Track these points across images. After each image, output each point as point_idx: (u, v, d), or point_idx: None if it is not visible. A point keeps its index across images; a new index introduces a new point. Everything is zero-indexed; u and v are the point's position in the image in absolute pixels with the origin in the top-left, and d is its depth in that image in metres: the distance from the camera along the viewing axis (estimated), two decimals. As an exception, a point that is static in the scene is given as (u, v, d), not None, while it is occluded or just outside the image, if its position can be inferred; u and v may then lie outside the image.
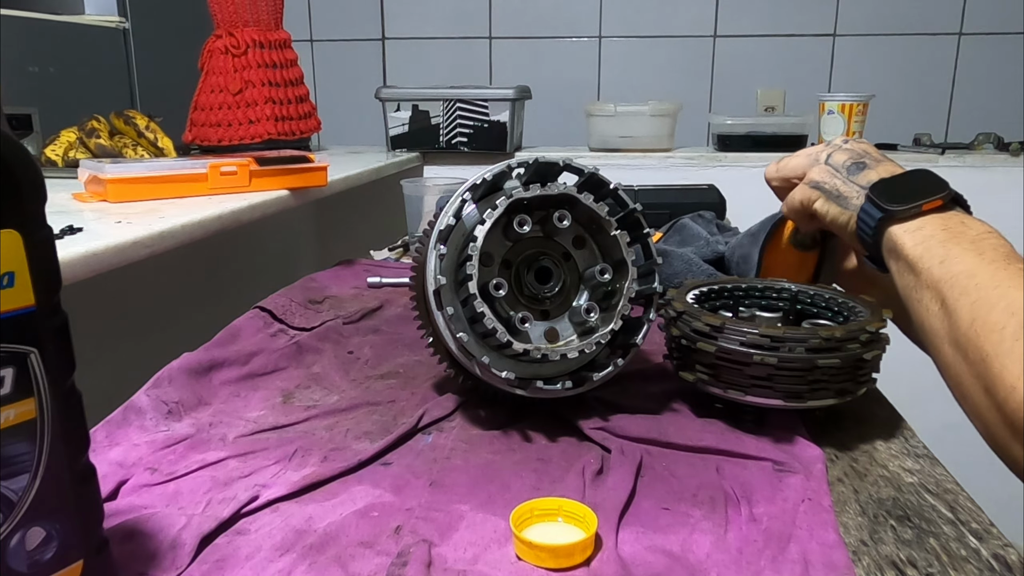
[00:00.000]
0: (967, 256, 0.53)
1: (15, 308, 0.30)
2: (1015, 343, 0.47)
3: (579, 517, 0.43)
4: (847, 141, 0.68)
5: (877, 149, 0.67)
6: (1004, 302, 0.49)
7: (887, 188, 0.60)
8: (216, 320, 0.77)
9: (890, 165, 0.64)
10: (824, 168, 0.66)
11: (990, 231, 0.56)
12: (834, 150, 0.67)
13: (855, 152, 0.66)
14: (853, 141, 0.68)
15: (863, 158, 0.65)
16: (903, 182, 0.61)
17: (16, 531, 0.31)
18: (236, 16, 1.42)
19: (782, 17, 1.94)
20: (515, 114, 1.70)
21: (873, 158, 0.65)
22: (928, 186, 0.59)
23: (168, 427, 0.57)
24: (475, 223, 0.55)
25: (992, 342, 0.48)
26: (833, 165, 0.65)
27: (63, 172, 1.14)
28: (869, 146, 0.67)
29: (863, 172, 0.63)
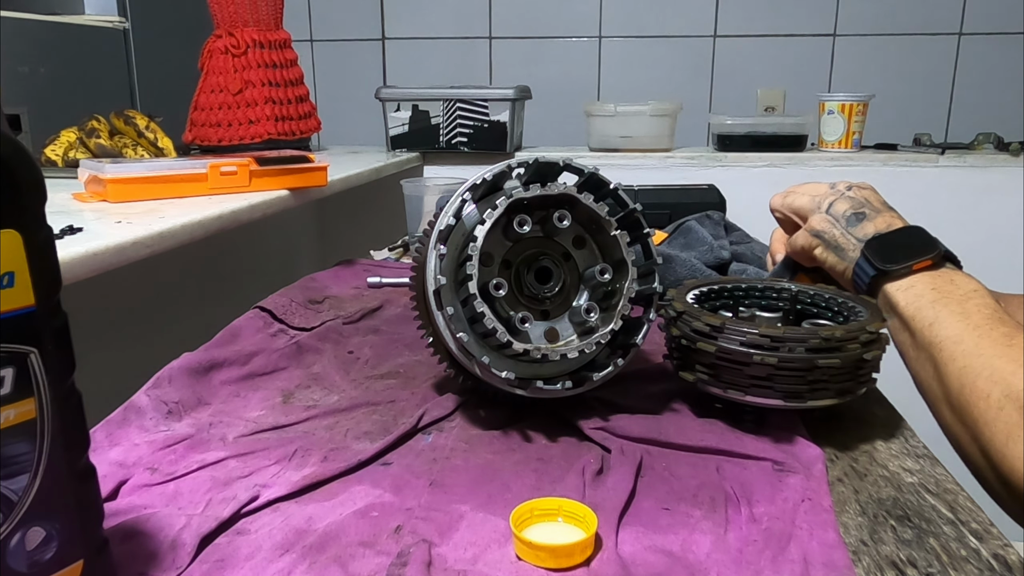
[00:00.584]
0: (954, 320, 0.57)
1: (15, 308, 0.30)
2: (999, 411, 0.51)
3: (579, 517, 0.43)
4: (850, 188, 0.70)
5: (878, 197, 0.70)
6: (988, 371, 0.53)
7: (881, 245, 0.64)
8: (216, 320, 0.77)
9: (888, 217, 0.67)
10: (825, 218, 0.69)
11: (976, 289, 0.60)
12: (836, 197, 0.70)
13: (856, 201, 0.69)
14: (857, 187, 0.70)
15: (863, 208, 0.68)
16: (897, 239, 0.64)
17: (16, 531, 0.31)
18: (236, 16, 1.42)
19: (782, 17, 1.94)
20: (515, 114, 1.70)
21: (873, 207, 0.68)
22: (920, 245, 0.63)
23: (168, 427, 0.57)
24: (475, 223, 0.55)
25: (980, 409, 0.52)
26: (834, 215, 0.68)
27: (63, 172, 1.14)
28: (871, 193, 0.70)
29: (861, 224, 0.67)
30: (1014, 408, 0.50)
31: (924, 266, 0.62)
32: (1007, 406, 0.50)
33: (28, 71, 1.30)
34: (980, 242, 1.53)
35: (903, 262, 0.62)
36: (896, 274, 0.62)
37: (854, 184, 0.71)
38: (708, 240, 0.95)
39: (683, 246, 0.96)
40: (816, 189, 0.73)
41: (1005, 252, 1.56)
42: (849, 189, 0.70)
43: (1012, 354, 0.53)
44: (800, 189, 0.74)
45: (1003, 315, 0.57)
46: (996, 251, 1.54)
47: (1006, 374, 0.52)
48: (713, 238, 0.95)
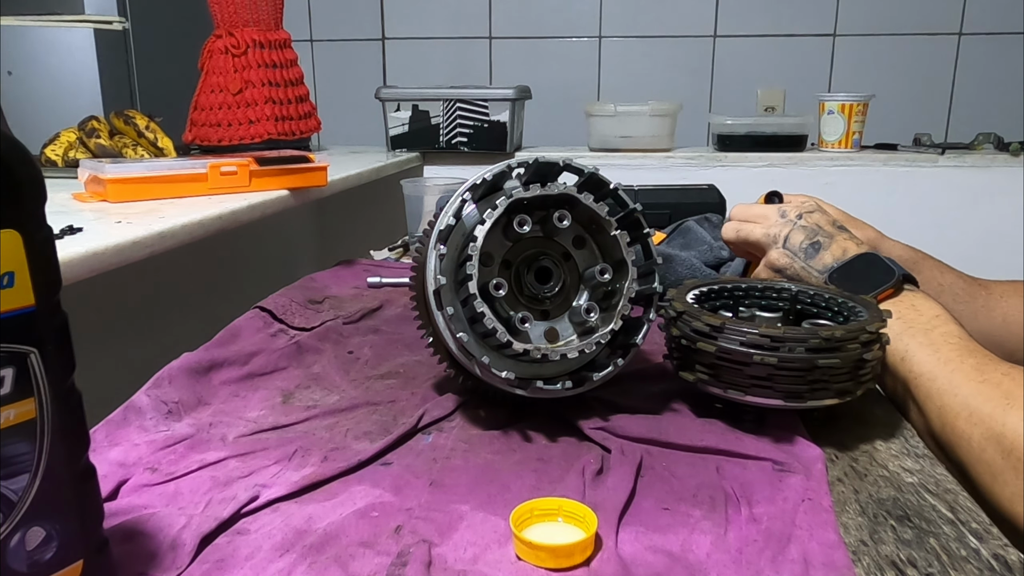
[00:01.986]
0: (924, 354, 0.58)
1: (15, 308, 0.30)
2: (982, 453, 0.51)
3: (579, 517, 0.43)
4: (800, 216, 0.71)
5: (827, 216, 0.72)
6: (966, 412, 0.53)
7: (842, 278, 0.66)
8: (216, 320, 0.77)
9: (841, 241, 0.69)
10: (782, 252, 0.71)
11: (938, 315, 0.60)
12: (790, 230, 0.71)
13: (809, 231, 0.70)
14: (806, 214, 0.71)
15: (816, 236, 0.70)
16: (856, 270, 0.66)
17: (16, 531, 0.31)
18: (236, 16, 1.42)
19: (782, 17, 1.94)
20: (515, 114, 1.70)
21: (825, 233, 0.70)
22: (879, 274, 0.64)
23: (168, 427, 0.57)
24: (475, 223, 0.55)
25: (963, 450, 0.52)
26: (791, 249, 0.70)
27: (63, 172, 1.14)
28: (821, 216, 0.71)
29: (819, 255, 0.69)
30: (996, 450, 0.50)
31: (887, 295, 0.63)
32: (988, 448, 0.50)
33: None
34: (980, 242, 1.54)
35: (867, 295, 0.62)
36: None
37: (803, 211, 0.72)
38: (707, 240, 0.95)
39: (682, 246, 0.96)
40: (767, 219, 0.73)
41: (1005, 252, 1.56)
42: (800, 218, 0.71)
43: (986, 391, 0.53)
44: (751, 216, 0.74)
45: (970, 343, 0.57)
46: (996, 251, 1.54)
47: (983, 415, 0.51)
48: (712, 239, 0.95)
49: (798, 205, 0.72)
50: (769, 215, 0.73)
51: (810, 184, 1.65)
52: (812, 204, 0.73)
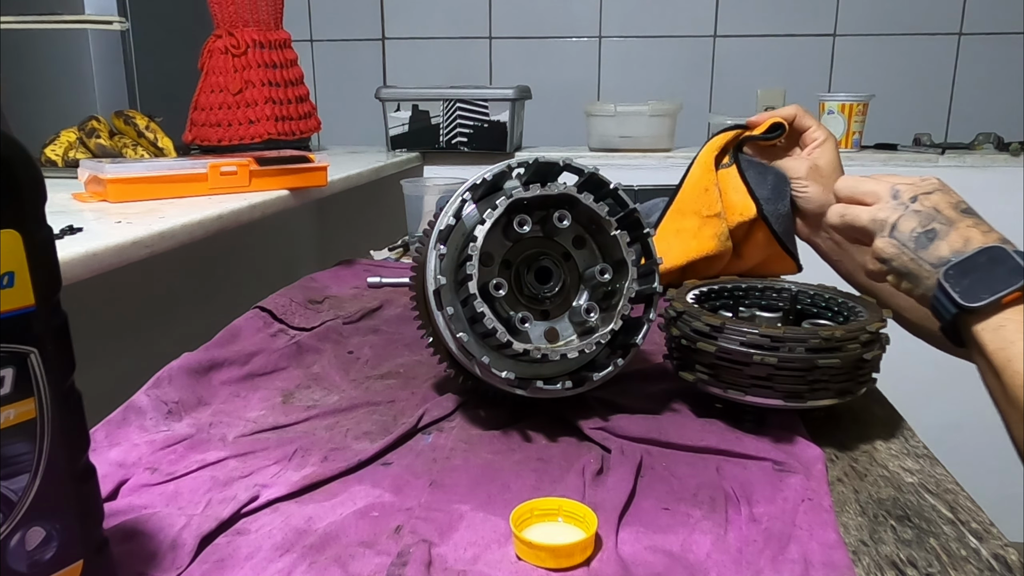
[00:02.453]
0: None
1: (15, 308, 0.30)
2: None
3: (579, 517, 0.43)
4: (915, 199, 0.60)
5: (949, 199, 0.60)
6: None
7: (960, 274, 0.54)
8: (216, 320, 0.77)
9: (963, 229, 0.57)
10: (890, 242, 0.59)
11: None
12: (900, 215, 0.60)
13: (923, 216, 0.59)
14: (923, 196, 0.60)
15: (932, 222, 0.58)
16: (977, 265, 0.54)
17: (16, 531, 0.31)
18: (236, 16, 1.42)
19: (782, 17, 1.94)
20: (515, 114, 1.70)
21: (944, 219, 0.58)
22: (1005, 272, 0.53)
23: (168, 427, 0.57)
24: (475, 223, 0.55)
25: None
26: (899, 238, 0.59)
27: (63, 172, 1.14)
28: (941, 197, 0.60)
29: (933, 245, 0.57)
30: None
31: (1013, 298, 0.51)
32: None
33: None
34: (980, 242, 1.53)
35: (987, 296, 0.52)
36: (982, 311, 0.52)
37: (919, 193, 0.60)
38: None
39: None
40: (878, 198, 0.62)
41: (1005, 252, 1.55)
42: (914, 200, 0.60)
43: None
44: (859, 194, 0.63)
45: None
46: (996, 251, 1.54)
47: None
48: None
49: (914, 184, 0.62)
50: (881, 193, 0.62)
51: (810, 184, 1.65)
52: (933, 183, 0.62)
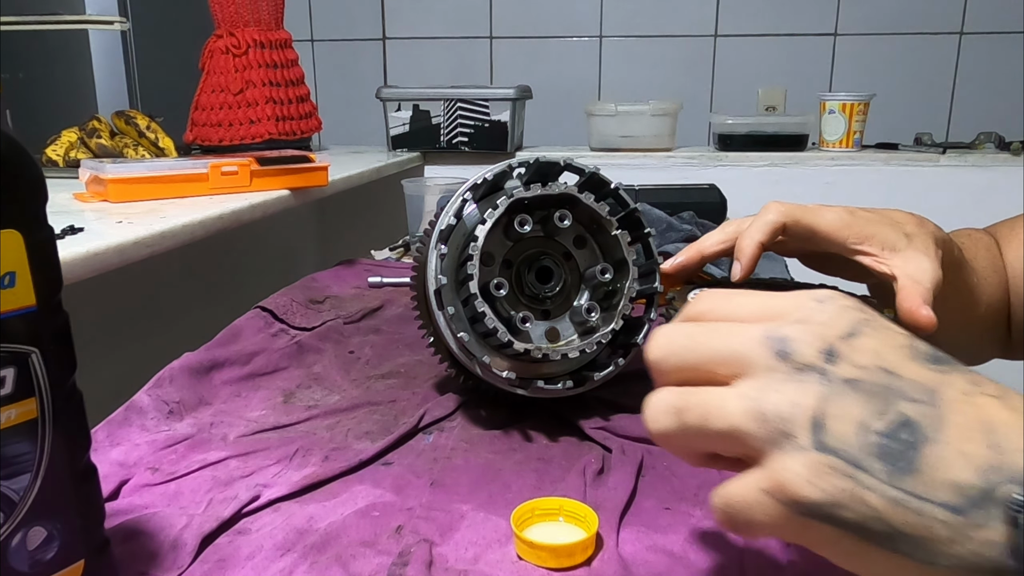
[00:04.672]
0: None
1: (16, 308, 0.30)
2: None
3: (580, 517, 0.43)
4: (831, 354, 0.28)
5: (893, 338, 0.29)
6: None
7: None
8: (217, 320, 0.77)
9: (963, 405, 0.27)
10: (820, 461, 0.27)
11: None
12: (824, 395, 0.28)
13: (871, 391, 0.27)
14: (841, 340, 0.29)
15: (893, 404, 0.27)
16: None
17: (17, 531, 0.31)
18: (237, 16, 1.42)
19: (783, 16, 1.94)
20: (516, 114, 1.70)
21: (915, 387, 0.28)
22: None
23: (169, 427, 0.57)
24: (476, 223, 0.55)
25: None
26: (839, 450, 0.27)
27: (64, 172, 1.14)
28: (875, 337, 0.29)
29: (921, 457, 0.26)
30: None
31: None
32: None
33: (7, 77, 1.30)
34: (981, 242, 1.53)
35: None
36: None
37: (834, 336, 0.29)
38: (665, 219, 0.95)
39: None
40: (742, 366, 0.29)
41: (1006, 252, 1.56)
42: (832, 358, 0.28)
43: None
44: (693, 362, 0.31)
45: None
46: (997, 251, 1.54)
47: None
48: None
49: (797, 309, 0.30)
50: (750, 355, 0.29)
51: (811, 184, 1.65)
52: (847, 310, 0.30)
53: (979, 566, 0.25)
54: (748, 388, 0.29)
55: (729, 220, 0.59)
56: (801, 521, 0.27)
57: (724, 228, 0.57)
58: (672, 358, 0.32)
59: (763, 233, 0.52)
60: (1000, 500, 0.25)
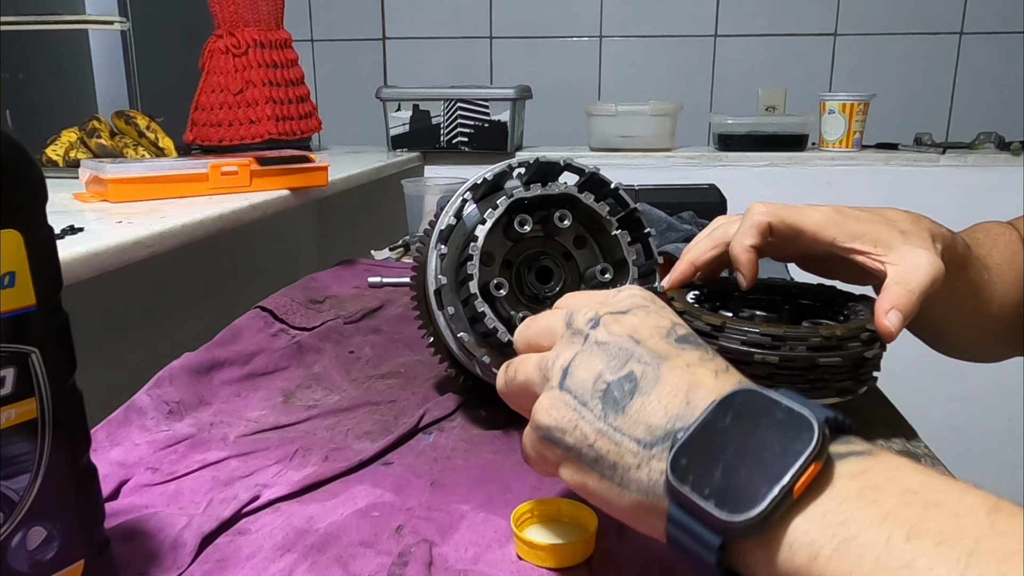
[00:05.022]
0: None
1: (16, 308, 0.30)
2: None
3: (579, 517, 0.43)
4: (595, 322, 0.36)
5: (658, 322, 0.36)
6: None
7: (702, 465, 0.29)
8: (217, 320, 0.77)
9: (681, 371, 0.33)
10: (558, 398, 0.34)
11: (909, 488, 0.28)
12: (576, 352, 0.35)
13: (612, 349, 0.35)
14: (610, 316, 0.36)
15: (628, 362, 0.34)
16: (727, 435, 0.30)
17: (17, 531, 0.31)
18: (237, 16, 1.42)
19: (783, 16, 1.94)
20: (516, 114, 1.70)
21: (650, 354, 0.34)
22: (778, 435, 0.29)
23: (169, 427, 0.57)
24: (476, 223, 0.55)
25: None
26: (574, 390, 0.34)
27: (64, 172, 1.14)
28: (642, 319, 0.36)
29: (634, 403, 0.33)
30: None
31: (810, 479, 0.28)
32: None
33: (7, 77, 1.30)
34: (981, 242, 1.53)
35: (767, 493, 0.27)
36: (767, 521, 0.27)
37: (604, 312, 0.36)
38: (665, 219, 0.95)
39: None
40: (552, 334, 0.38)
41: (1006, 252, 1.56)
42: (595, 325, 0.36)
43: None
44: (535, 334, 0.40)
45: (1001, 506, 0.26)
46: (997, 251, 1.54)
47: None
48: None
49: (600, 301, 0.38)
50: (554, 325, 0.38)
51: (811, 184, 1.65)
52: (633, 295, 0.38)
53: (653, 490, 0.31)
54: (543, 354, 0.37)
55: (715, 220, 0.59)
56: (543, 444, 0.35)
57: (711, 232, 0.58)
58: (519, 337, 0.41)
59: (751, 236, 0.53)
60: (673, 439, 0.31)
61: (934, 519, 0.26)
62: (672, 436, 0.31)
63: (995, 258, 0.62)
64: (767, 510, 0.27)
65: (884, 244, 0.51)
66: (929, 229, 0.53)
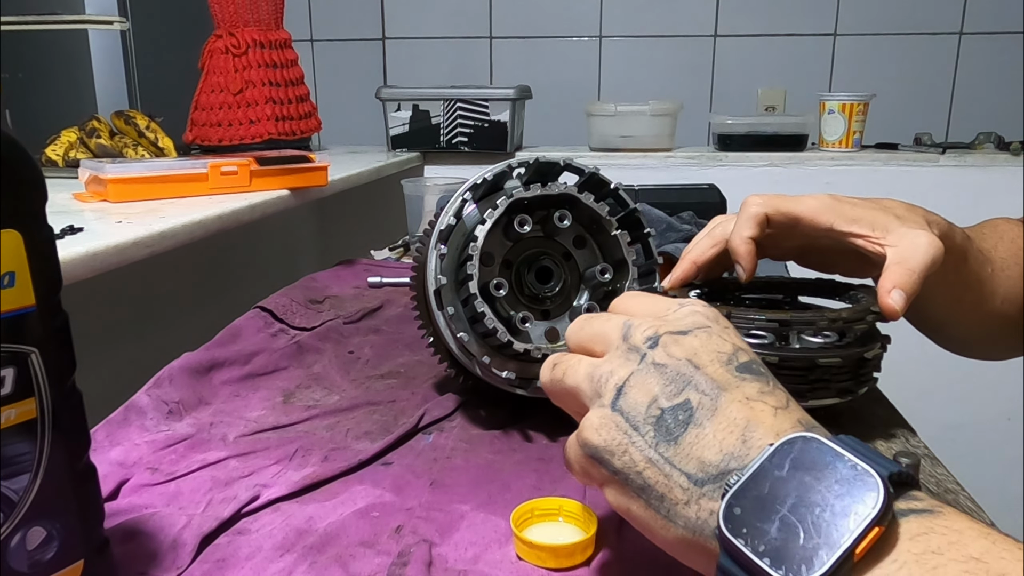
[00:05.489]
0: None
1: (16, 308, 0.30)
2: None
3: (579, 517, 0.43)
4: (654, 341, 0.34)
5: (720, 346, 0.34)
6: None
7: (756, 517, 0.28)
8: (216, 320, 0.77)
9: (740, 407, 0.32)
10: (608, 418, 0.33)
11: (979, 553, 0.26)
12: (631, 372, 0.34)
13: (671, 376, 0.33)
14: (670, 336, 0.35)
15: (684, 390, 0.33)
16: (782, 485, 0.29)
17: (17, 531, 0.31)
18: (236, 16, 1.42)
19: (782, 16, 1.94)
20: (515, 114, 1.70)
21: (707, 383, 0.33)
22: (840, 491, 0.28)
23: (169, 427, 0.57)
24: (476, 223, 0.55)
25: None
26: (627, 412, 0.33)
27: (64, 172, 1.14)
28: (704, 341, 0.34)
29: (688, 435, 0.32)
30: None
31: (872, 543, 0.27)
32: None
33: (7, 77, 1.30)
34: (981, 242, 1.53)
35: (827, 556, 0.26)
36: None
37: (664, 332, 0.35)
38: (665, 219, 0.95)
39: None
40: (606, 342, 0.36)
41: (1006, 252, 1.56)
42: (653, 344, 0.34)
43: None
44: (589, 337, 0.38)
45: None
46: (997, 251, 1.54)
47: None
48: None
49: (658, 319, 0.36)
50: (610, 333, 0.37)
51: (810, 184, 1.65)
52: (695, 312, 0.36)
53: (701, 529, 0.30)
54: (599, 359, 0.36)
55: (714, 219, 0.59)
56: (589, 461, 0.34)
57: (711, 230, 0.58)
58: (572, 336, 0.40)
59: (749, 228, 0.53)
60: (726, 482, 0.30)
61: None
62: (725, 476, 0.30)
63: (1000, 252, 0.62)
64: (826, 574, 0.26)
65: (882, 227, 0.51)
66: (924, 216, 0.53)
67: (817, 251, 0.57)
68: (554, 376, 0.39)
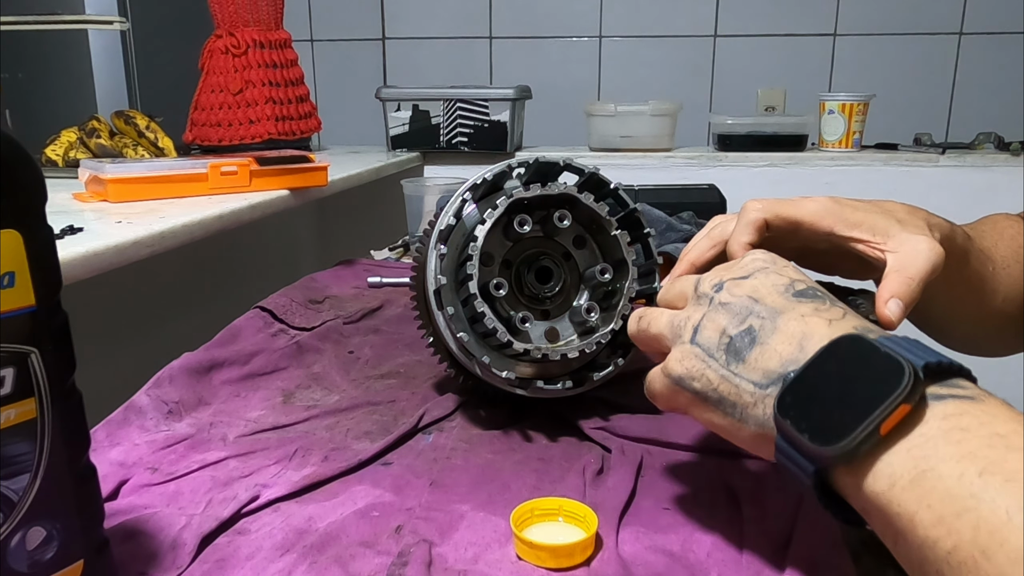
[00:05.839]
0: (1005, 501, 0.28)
1: (16, 308, 0.30)
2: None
3: (579, 517, 0.43)
4: (720, 286, 0.42)
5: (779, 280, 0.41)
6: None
7: (803, 402, 0.35)
8: (216, 320, 0.77)
9: (796, 322, 0.38)
10: (689, 351, 0.40)
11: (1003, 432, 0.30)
12: (704, 313, 0.41)
13: (735, 308, 0.40)
14: (733, 281, 0.42)
15: (747, 319, 0.39)
16: (828, 378, 0.35)
17: (17, 531, 0.31)
18: (236, 16, 1.42)
19: (782, 17, 1.94)
20: (515, 114, 1.70)
21: (768, 309, 0.39)
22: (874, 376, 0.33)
23: (168, 427, 0.57)
24: (475, 223, 0.55)
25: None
26: (703, 344, 0.40)
27: (63, 172, 1.14)
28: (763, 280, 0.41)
29: (753, 352, 0.38)
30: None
31: (899, 419, 0.31)
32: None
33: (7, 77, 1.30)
34: (981, 242, 1.53)
35: (854, 427, 0.32)
36: (852, 459, 0.32)
37: (728, 278, 0.42)
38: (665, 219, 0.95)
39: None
40: (683, 298, 0.44)
41: (1006, 252, 1.55)
42: (719, 289, 0.42)
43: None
44: (673, 296, 0.46)
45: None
46: (997, 251, 1.54)
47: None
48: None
49: (725, 268, 0.44)
50: (686, 290, 0.44)
51: (810, 184, 1.65)
52: (757, 259, 0.43)
53: (767, 424, 0.37)
54: (675, 312, 0.43)
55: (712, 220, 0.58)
56: (674, 388, 0.41)
57: (710, 232, 0.57)
58: (661, 295, 0.47)
59: (748, 234, 0.53)
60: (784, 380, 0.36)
61: (1012, 461, 0.29)
62: (784, 377, 0.36)
63: (1000, 250, 0.61)
64: (852, 444, 0.31)
65: (882, 232, 0.51)
66: (926, 219, 0.53)
67: (817, 253, 0.57)
68: (640, 326, 0.46)
